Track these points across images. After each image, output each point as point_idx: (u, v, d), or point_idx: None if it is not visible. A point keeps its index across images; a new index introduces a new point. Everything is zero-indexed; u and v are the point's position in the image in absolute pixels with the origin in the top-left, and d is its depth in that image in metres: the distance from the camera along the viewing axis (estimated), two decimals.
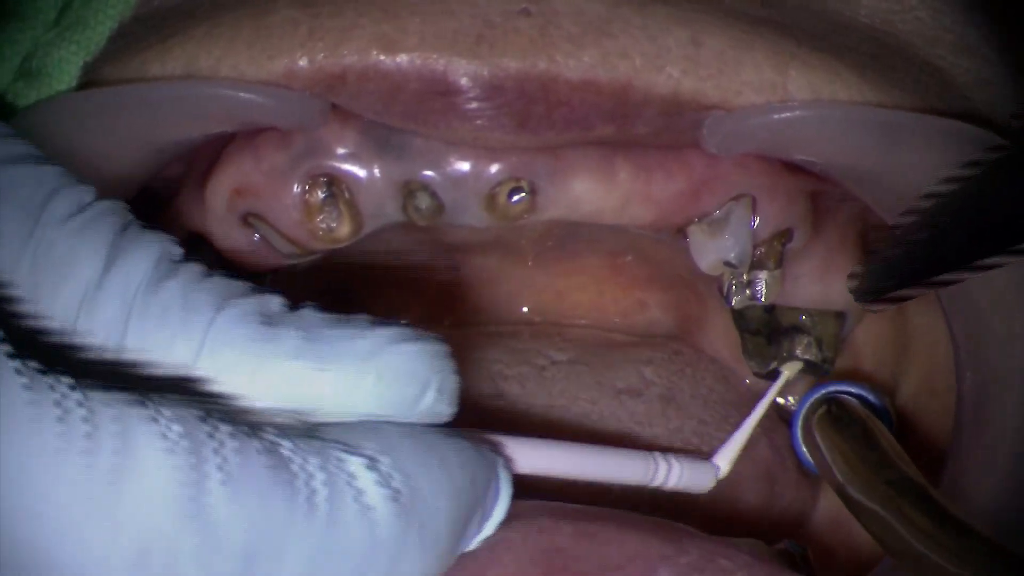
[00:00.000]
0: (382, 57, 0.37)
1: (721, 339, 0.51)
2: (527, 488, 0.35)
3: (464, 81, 0.37)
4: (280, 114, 0.38)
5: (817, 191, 0.45)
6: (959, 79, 0.42)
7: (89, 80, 0.39)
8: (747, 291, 0.45)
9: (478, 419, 0.42)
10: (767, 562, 0.36)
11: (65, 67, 0.39)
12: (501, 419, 0.46)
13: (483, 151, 0.40)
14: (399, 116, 0.38)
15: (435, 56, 0.37)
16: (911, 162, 0.39)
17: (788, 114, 0.38)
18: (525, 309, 0.52)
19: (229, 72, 0.38)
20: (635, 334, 0.52)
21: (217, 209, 0.43)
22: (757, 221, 0.43)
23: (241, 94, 0.37)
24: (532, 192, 0.41)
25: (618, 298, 0.52)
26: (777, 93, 0.38)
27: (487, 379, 0.47)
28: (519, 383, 0.48)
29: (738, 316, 0.48)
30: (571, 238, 0.50)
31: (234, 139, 0.43)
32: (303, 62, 0.37)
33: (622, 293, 0.52)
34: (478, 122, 0.38)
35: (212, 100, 0.38)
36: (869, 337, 0.50)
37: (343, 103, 0.38)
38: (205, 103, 0.38)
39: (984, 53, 0.42)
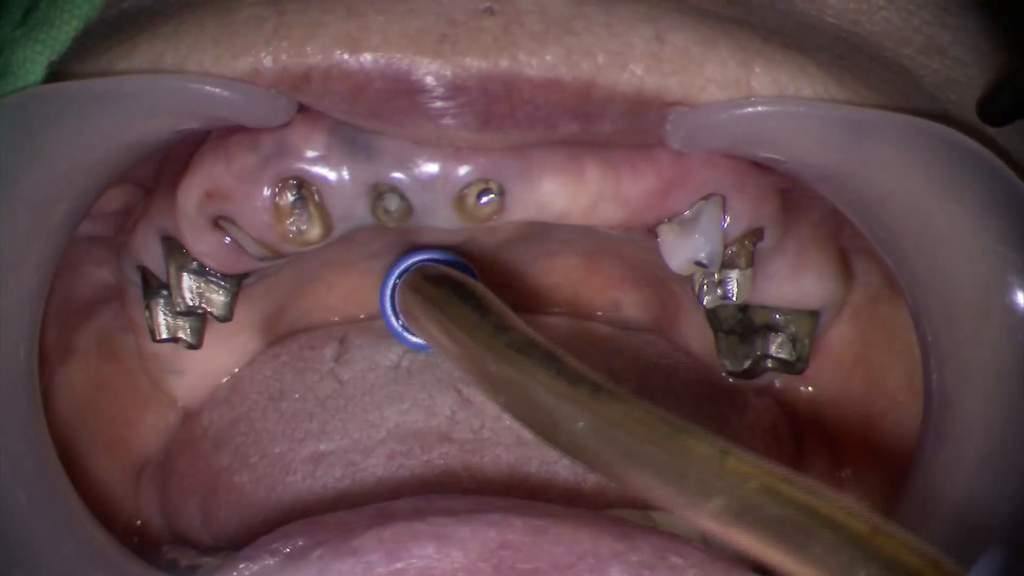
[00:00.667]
0: (346, 56, 0.37)
1: (696, 337, 0.51)
2: (477, 485, 0.34)
3: (428, 80, 0.37)
4: (245, 110, 0.38)
5: (788, 189, 0.44)
6: (927, 79, 0.42)
7: (55, 77, 0.39)
8: (719, 290, 0.45)
9: None
10: (719, 559, 0.35)
11: (30, 66, 0.39)
12: None
13: (452, 153, 0.40)
14: (364, 115, 0.38)
15: (399, 55, 0.37)
16: (876, 159, 0.39)
17: (751, 110, 0.38)
18: None
19: (195, 69, 0.38)
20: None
21: (189, 212, 0.43)
22: (728, 220, 0.43)
23: (206, 88, 0.37)
24: (501, 193, 0.41)
25: (592, 298, 0.52)
26: (742, 90, 0.38)
27: None
28: None
29: (712, 315, 0.48)
30: (544, 239, 0.50)
31: (205, 142, 0.43)
32: (267, 61, 0.37)
33: (596, 293, 0.52)
34: (442, 121, 0.38)
35: (177, 94, 0.38)
36: (848, 336, 0.50)
37: (309, 102, 0.39)
38: (170, 97, 0.38)
39: (955, 55, 0.43)
